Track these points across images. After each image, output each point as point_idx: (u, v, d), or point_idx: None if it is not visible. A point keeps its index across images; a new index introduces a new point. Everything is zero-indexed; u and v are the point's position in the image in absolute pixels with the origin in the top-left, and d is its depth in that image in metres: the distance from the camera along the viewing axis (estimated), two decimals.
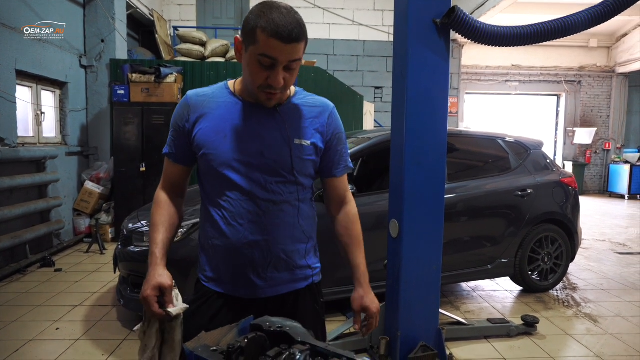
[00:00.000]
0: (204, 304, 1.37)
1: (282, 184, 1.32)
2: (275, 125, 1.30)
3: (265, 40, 1.14)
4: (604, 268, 5.11)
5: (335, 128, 1.41)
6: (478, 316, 3.67)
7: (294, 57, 1.19)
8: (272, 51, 1.15)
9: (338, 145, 1.42)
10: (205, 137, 1.29)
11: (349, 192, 1.53)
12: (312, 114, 1.37)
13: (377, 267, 3.40)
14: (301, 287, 1.41)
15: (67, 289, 4.15)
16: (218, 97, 1.33)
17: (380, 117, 9.99)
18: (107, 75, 6.53)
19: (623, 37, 11.60)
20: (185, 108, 1.33)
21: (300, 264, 1.40)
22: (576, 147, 12.43)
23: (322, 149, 1.38)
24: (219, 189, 1.31)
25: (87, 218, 6.10)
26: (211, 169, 1.30)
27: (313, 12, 9.96)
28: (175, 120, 1.35)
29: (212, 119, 1.30)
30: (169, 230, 1.34)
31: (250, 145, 1.29)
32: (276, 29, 1.13)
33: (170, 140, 1.37)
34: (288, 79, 1.22)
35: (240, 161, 1.28)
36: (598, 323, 3.55)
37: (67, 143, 6.12)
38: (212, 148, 1.28)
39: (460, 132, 4.43)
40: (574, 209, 4.31)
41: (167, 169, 1.40)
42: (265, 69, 1.19)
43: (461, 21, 2.30)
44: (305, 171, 1.35)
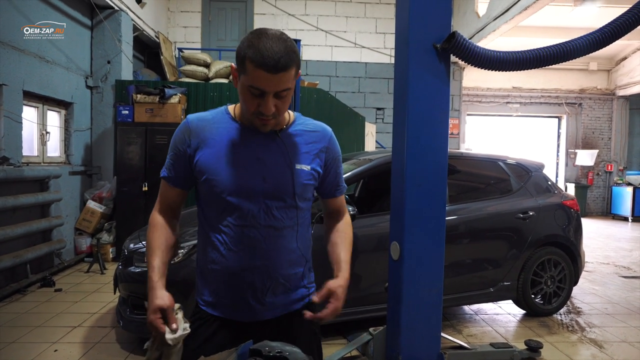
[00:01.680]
0: (200, 326, 1.37)
1: (283, 209, 1.33)
2: (276, 150, 1.32)
3: (252, 70, 1.17)
4: (609, 292, 5.05)
5: (334, 153, 1.45)
6: (480, 340, 3.62)
7: (282, 86, 1.20)
8: (259, 82, 1.17)
9: (337, 168, 1.47)
10: (207, 164, 1.30)
11: (344, 206, 1.58)
12: (312, 139, 1.39)
13: (378, 290, 3.38)
14: (297, 308, 1.41)
15: (66, 309, 4.13)
16: (219, 123, 1.34)
17: (382, 138, 10.04)
18: (112, 96, 6.62)
19: (623, 61, 11.72)
20: (186, 132, 1.33)
21: (297, 286, 1.41)
22: (578, 168, 12.43)
23: (321, 173, 1.41)
24: (220, 215, 1.31)
25: (89, 237, 6.10)
26: (213, 195, 1.31)
27: (316, 34, 10.13)
28: (175, 144, 1.35)
29: (213, 144, 1.31)
30: (166, 253, 1.36)
31: (252, 171, 1.30)
32: (262, 60, 1.14)
33: (169, 163, 1.37)
34: (280, 105, 1.24)
35: (242, 187, 1.29)
36: (603, 349, 3.49)
37: (70, 162, 6.16)
38: (215, 174, 1.29)
39: (462, 154, 4.45)
40: (576, 231, 4.29)
41: (164, 192, 1.40)
42: (256, 97, 1.21)
43: (461, 46, 2.34)
44: (306, 195, 1.37)
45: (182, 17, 9.96)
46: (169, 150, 1.38)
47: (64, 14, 5.79)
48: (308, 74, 10.00)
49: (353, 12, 10.22)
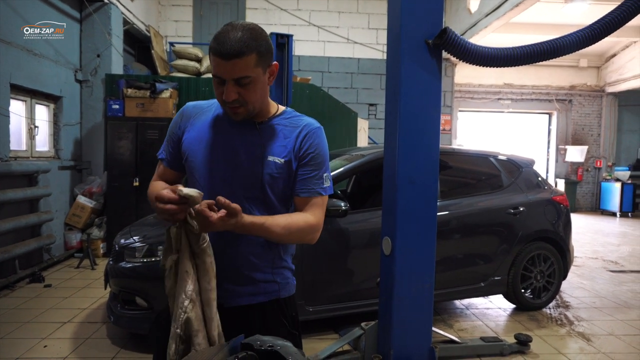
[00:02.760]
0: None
1: (253, 200, 1.34)
2: (252, 142, 1.35)
3: (212, 59, 1.24)
4: (597, 286, 5.12)
5: (310, 147, 1.37)
6: (471, 334, 3.66)
7: (238, 73, 1.22)
8: (216, 69, 1.25)
9: (309, 165, 1.37)
10: (189, 145, 1.39)
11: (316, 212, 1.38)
12: (292, 134, 1.37)
13: (370, 285, 3.40)
14: (265, 300, 1.39)
15: (56, 305, 4.09)
16: (210, 110, 1.42)
17: (374, 133, 10.06)
18: (102, 90, 6.55)
19: (612, 58, 11.83)
20: (180, 116, 1.45)
21: (264, 279, 1.39)
22: (568, 164, 12.56)
23: (295, 167, 1.37)
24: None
25: (79, 233, 6.04)
26: (192, 176, 1.39)
27: (308, 29, 10.10)
28: (171, 127, 1.46)
29: (197, 129, 1.39)
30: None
31: (226, 158, 1.34)
32: (217, 47, 1.21)
33: (165, 145, 1.47)
34: (244, 94, 1.26)
35: (214, 173, 1.34)
36: (591, 342, 3.54)
37: (60, 157, 6.09)
38: (193, 156, 1.37)
39: (453, 149, 4.47)
40: (565, 226, 4.34)
41: (159, 172, 1.48)
42: (220, 86, 1.27)
43: (452, 42, 2.35)
44: (276, 189, 1.35)
45: (174, 11, 9.86)
46: (167, 134, 1.48)
47: (53, 6, 5.70)
48: (300, 70, 9.97)
49: (345, 8, 10.19)
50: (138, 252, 3.18)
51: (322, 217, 1.39)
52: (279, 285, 1.43)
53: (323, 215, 1.40)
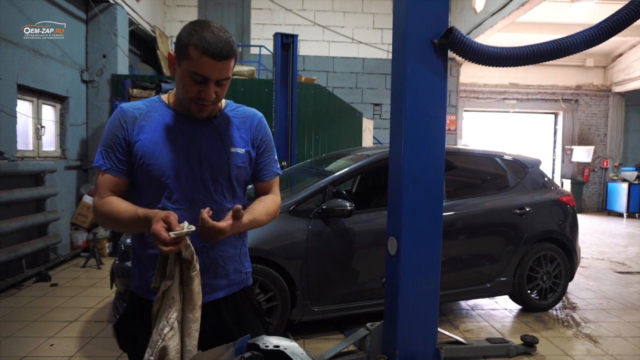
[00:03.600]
0: (138, 317, 1.38)
1: (221, 192, 1.38)
2: (211, 135, 1.37)
3: (198, 57, 1.22)
4: (604, 287, 5.08)
5: (264, 135, 1.49)
6: (477, 335, 3.64)
7: (225, 74, 1.27)
8: (204, 68, 1.23)
9: (267, 152, 1.50)
10: (144, 148, 1.32)
11: (277, 191, 1.56)
12: (244, 125, 1.45)
13: (376, 285, 3.39)
14: (236, 290, 1.46)
15: (62, 304, 4.12)
16: (154, 110, 1.38)
17: (379, 133, 10.04)
18: (108, 90, 6.58)
19: (619, 57, 11.75)
20: (121, 119, 1.35)
21: (235, 269, 1.45)
22: (574, 165, 12.48)
23: (254, 156, 1.46)
24: (158, 198, 1.34)
25: (85, 232, 6.08)
26: (152, 179, 1.33)
27: (313, 29, 10.10)
28: (112, 133, 1.34)
29: (149, 130, 1.34)
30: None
31: (190, 155, 1.34)
32: (207, 47, 1.21)
33: (106, 154, 1.34)
34: (220, 92, 1.30)
35: (180, 170, 1.33)
36: (598, 344, 3.52)
37: (66, 157, 6.13)
38: (153, 158, 1.32)
39: (459, 149, 4.45)
40: (572, 227, 4.31)
41: (107, 183, 1.35)
42: (197, 84, 1.26)
43: (458, 42, 2.34)
44: (241, 178, 1.43)
45: (179, 12, 9.89)
46: (103, 140, 1.36)
47: (58, 7, 5.73)
48: (305, 70, 9.97)
49: (350, 8, 10.18)
50: None
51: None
52: (246, 275, 1.51)
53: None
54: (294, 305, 3.28)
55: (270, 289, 3.19)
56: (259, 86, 6.61)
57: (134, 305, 1.41)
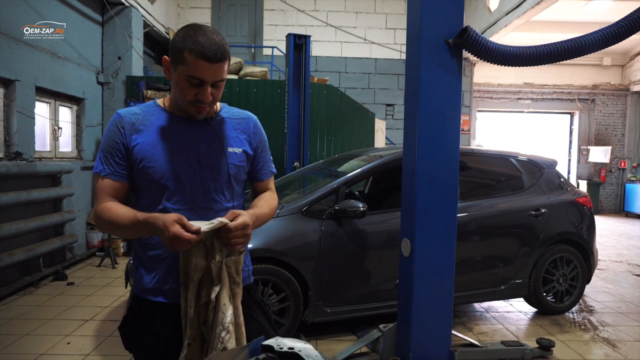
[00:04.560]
0: (142, 318, 1.40)
1: (220, 192, 1.40)
2: (208, 136, 1.40)
3: (193, 61, 1.25)
4: (622, 290, 4.98)
5: (260, 136, 1.54)
6: (491, 338, 3.60)
7: (220, 76, 1.30)
8: (200, 71, 1.26)
9: (263, 152, 1.55)
10: (143, 152, 1.34)
11: (274, 189, 1.62)
12: (240, 126, 1.49)
13: (389, 286, 3.38)
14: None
15: (78, 302, 4.18)
16: (150, 115, 1.40)
17: (391, 134, 10.00)
18: (123, 92, 6.66)
19: (637, 56, 11.52)
20: (118, 124, 1.36)
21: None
22: (590, 165, 12.28)
23: (252, 155, 1.50)
24: (158, 200, 1.35)
25: (100, 232, 6.16)
26: (151, 182, 1.34)
27: (325, 30, 10.10)
28: (110, 138, 1.36)
29: (147, 134, 1.36)
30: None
31: (188, 157, 1.36)
32: (202, 50, 1.24)
33: (105, 159, 1.36)
34: (215, 94, 1.33)
35: (180, 172, 1.35)
36: (617, 348, 3.45)
37: (82, 157, 6.22)
38: (152, 161, 1.34)
39: (473, 150, 4.41)
40: (589, 229, 4.24)
41: (107, 188, 1.35)
42: (194, 87, 1.29)
43: (473, 41, 2.32)
44: (239, 177, 1.46)
45: (192, 13, 9.97)
46: (101, 146, 1.38)
47: (75, 10, 5.82)
48: (318, 70, 9.97)
49: (363, 8, 10.16)
50: None
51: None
52: (248, 272, 1.54)
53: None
54: (306, 306, 3.27)
55: (283, 290, 3.20)
56: (272, 87, 6.63)
57: (137, 306, 1.42)
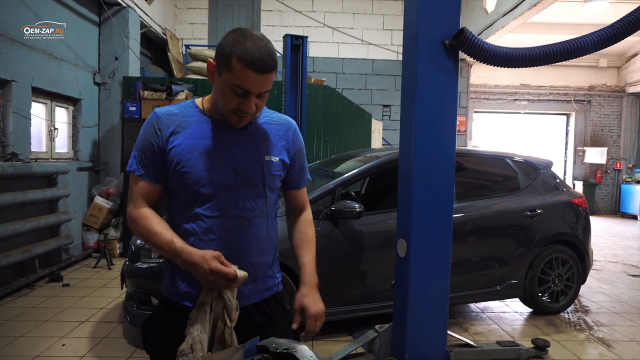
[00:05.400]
0: (168, 319, 1.38)
1: (253, 200, 1.37)
2: (246, 143, 1.36)
3: (241, 70, 1.20)
4: (617, 290, 5.01)
5: (299, 144, 1.50)
6: (487, 338, 3.61)
7: (266, 87, 1.26)
8: (246, 81, 1.21)
9: (301, 160, 1.51)
10: (179, 156, 1.31)
11: (307, 200, 1.61)
12: (278, 132, 1.44)
13: (385, 287, 3.38)
14: (267, 296, 1.46)
15: (74, 304, 4.16)
16: (188, 116, 1.36)
17: (388, 135, 10.01)
18: (120, 92, 6.65)
19: (633, 57, 11.58)
20: (155, 126, 1.33)
21: (265, 275, 1.45)
22: (586, 166, 12.32)
23: (288, 164, 1.46)
24: (191, 205, 1.33)
25: (96, 233, 6.14)
26: (186, 187, 1.33)
27: (323, 31, 10.10)
28: (146, 139, 1.33)
29: (184, 137, 1.32)
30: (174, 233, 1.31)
31: (224, 163, 1.33)
32: (251, 59, 1.19)
33: (141, 160, 1.33)
34: (259, 104, 1.29)
35: (215, 179, 1.32)
36: (611, 348, 3.47)
37: (78, 158, 6.20)
38: (187, 166, 1.31)
39: (469, 151, 4.42)
40: (584, 229, 4.26)
41: (141, 189, 1.34)
42: (238, 96, 1.24)
43: (470, 42, 2.32)
44: (274, 186, 1.42)
45: (189, 14, 9.96)
46: (137, 145, 1.35)
47: (72, 10, 5.81)
48: (315, 71, 9.97)
49: (360, 9, 10.17)
50: (154, 253, 3.22)
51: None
52: (275, 280, 1.51)
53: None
54: None
55: None
56: None
57: (165, 307, 1.41)
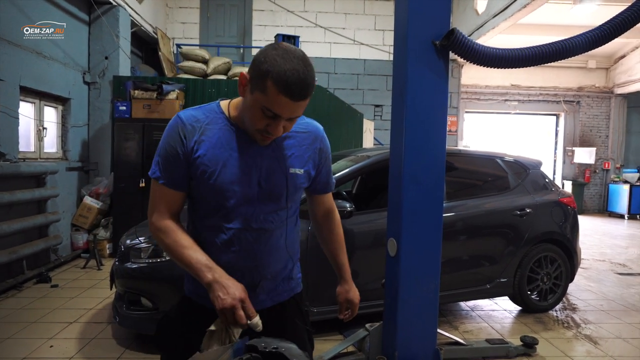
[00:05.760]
0: (185, 317, 1.39)
1: (275, 213, 1.34)
2: (271, 155, 1.31)
3: (274, 94, 1.12)
4: (604, 289, 5.07)
5: (326, 152, 1.46)
6: (476, 336, 3.63)
7: (298, 113, 1.20)
8: (278, 107, 1.14)
9: (327, 166, 1.49)
10: (203, 166, 1.26)
11: (333, 202, 1.61)
12: (306, 141, 1.39)
13: (375, 286, 3.39)
14: (285, 299, 1.45)
15: (62, 305, 4.12)
16: (214, 123, 1.30)
17: (380, 135, 10.03)
18: (110, 92, 6.59)
19: (621, 59, 11.73)
20: (181, 132, 1.27)
21: (284, 279, 1.44)
22: (575, 166, 12.46)
23: (313, 175, 1.43)
24: (213, 216, 1.31)
25: (85, 233, 6.08)
26: (208, 197, 1.29)
27: (315, 31, 10.10)
28: (170, 145, 1.28)
29: (209, 147, 1.27)
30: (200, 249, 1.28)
31: (249, 176, 1.29)
32: (287, 85, 1.11)
33: (164, 166, 1.29)
34: (287, 127, 1.24)
35: (238, 192, 1.28)
36: (598, 345, 3.51)
37: (67, 158, 6.14)
38: (212, 178, 1.26)
39: (460, 151, 4.45)
40: (573, 228, 4.31)
41: (165, 197, 1.31)
42: (267, 118, 1.18)
43: (460, 43, 2.34)
44: (296, 197, 1.40)
45: (181, 13, 9.91)
46: (160, 151, 1.30)
47: (61, 9, 5.75)
48: None
49: (352, 9, 10.18)
50: (144, 253, 3.19)
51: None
52: (295, 282, 1.49)
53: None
54: None
55: None
56: None
57: (186, 306, 1.41)
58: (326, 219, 1.58)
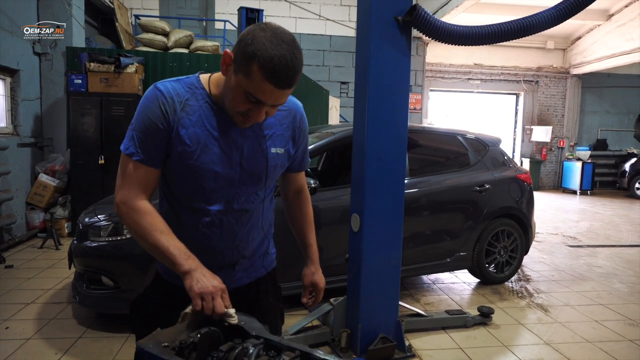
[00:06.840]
0: (159, 298, 1.37)
1: (255, 193, 1.32)
2: (252, 135, 1.27)
3: (259, 80, 1.07)
4: (556, 260, 5.35)
5: (304, 129, 1.42)
6: (437, 308, 3.78)
7: (282, 101, 1.15)
8: (262, 94, 1.10)
9: (304, 144, 1.45)
10: (184, 145, 1.20)
11: (305, 180, 1.59)
12: (286, 119, 1.35)
13: (340, 261, 3.45)
14: (260, 275, 1.45)
15: (18, 286, 3.98)
16: (193, 99, 1.23)
17: (345, 112, 10.05)
18: (64, 64, 6.26)
19: (577, 40, 12.12)
20: (162, 106, 1.19)
21: (260, 255, 1.44)
22: (533, 144, 12.93)
23: (293, 154, 1.41)
24: (193, 198, 1.27)
25: (42, 212, 5.85)
26: (189, 178, 1.24)
27: (279, 4, 9.88)
28: (149, 119, 1.19)
29: (189, 125, 1.21)
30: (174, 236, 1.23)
31: (231, 157, 1.25)
32: (273, 71, 1.05)
33: (140, 142, 1.20)
34: (270, 112, 1.19)
35: (220, 173, 1.24)
36: (548, 312, 3.72)
37: (19, 133, 5.83)
38: (193, 158, 1.21)
39: (423, 128, 4.52)
40: (528, 203, 4.49)
41: (139, 175, 1.21)
42: (249, 102, 1.13)
43: (422, 19, 2.35)
44: (275, 176, 1.38)
45: None
46: (136, 125, 1.21)
47: None
48: None
49: None
50: (103, 231, 3.11)
51: None
52: (270, 257, 1.49)
53: None
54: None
55: None
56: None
57: (159, 286, 1.37)
58: (297, 197, 1.57)
